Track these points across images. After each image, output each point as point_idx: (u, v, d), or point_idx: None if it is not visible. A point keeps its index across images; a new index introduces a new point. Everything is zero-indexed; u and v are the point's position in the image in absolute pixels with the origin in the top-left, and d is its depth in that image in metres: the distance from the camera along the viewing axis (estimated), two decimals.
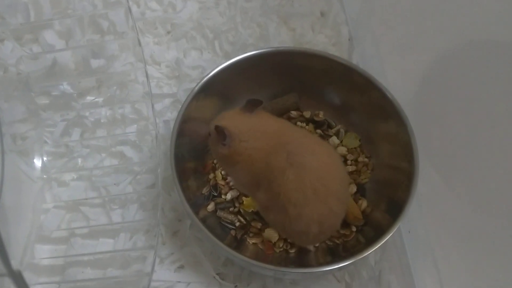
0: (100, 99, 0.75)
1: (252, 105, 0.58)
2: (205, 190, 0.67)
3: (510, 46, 0.51)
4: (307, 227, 0.55)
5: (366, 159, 0.69)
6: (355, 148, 0.70)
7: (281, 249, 0.63)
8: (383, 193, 0.65)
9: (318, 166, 0.55)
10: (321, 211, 0.54)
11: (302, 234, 0.56)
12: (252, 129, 0.57)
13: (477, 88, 0.56)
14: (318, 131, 0.71)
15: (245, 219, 0.65)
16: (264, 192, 0.57)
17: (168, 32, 0.83)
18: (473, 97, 0.57)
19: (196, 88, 0.65)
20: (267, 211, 0.60)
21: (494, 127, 0.54)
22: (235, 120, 0.58)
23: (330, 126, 0.72)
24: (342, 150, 0.70)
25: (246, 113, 0.58)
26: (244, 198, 0.66)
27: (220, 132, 0.56)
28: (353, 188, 0.67)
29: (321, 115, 0.72)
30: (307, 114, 0.72)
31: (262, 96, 0.70)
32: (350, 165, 0.69)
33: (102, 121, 0.74)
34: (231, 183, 0.67)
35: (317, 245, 0.63)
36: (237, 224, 0.65)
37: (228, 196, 0.66)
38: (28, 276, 0.60)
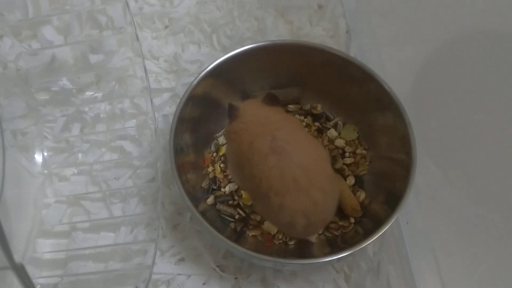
0: (99, 94, 0.76)
1: (269, 99, 0.60)
2: (204, 184, 0.67)
3: (508, 37, 0.51)
4: (292, 218, 0.55)
5: (364, 151, 0.69)
6: (353, 140, 0.70)
7: (280, 241, 0.64)
8: (381, 184, 0.65)
9: (301, 157, 0.55)
10: (304, 203, 0.54)
11: (289, 225, 0.56)
12: (257, 116, 0.59)
13: (475, 79, 0.56)
14: (317, 123, 0.72)
15: (244, 211, 0.65)
16: (248, 179, 0.58)
17: (166, 27, 0.83)
18: (471, 88, 0.57)
19: (195, 82, 0.65)
20: (255, 201, 0.60)
21: (492, 119, 0.54)
22: (250, 106, 0.61)
23: (328, 119, 0.72)
24: (340, 142, 0.70)
25: (263, 104, 0.60)
26: (243, 191, 0.66)
27: (229, 108, 0.60)
28: (352, 180, 0.67)
29: (319, 108, 0.72)
30: (306, 107, 0.73)
31: (260, 88, 0.70)
32: (348, 157, 0.69)
33: (101, 116, 0.74)
34: (229, 176, 0.68)
35: (316, 236, 0.64)
36: (237, 216, 0.65)
37: (227, 189, 0.67)
38: (30, 270, 0.60)
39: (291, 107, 0.72)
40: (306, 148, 0.57)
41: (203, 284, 0.64)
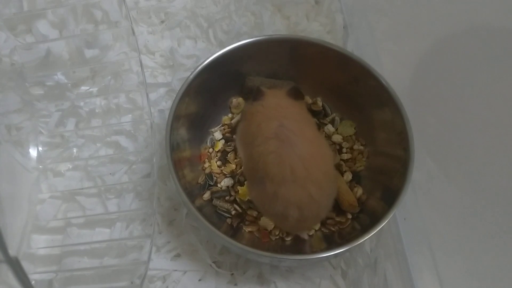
0: (94, 89, 0.75)
1: (293, 93, 0.62)
2: (200, 179, 0.67)
3: (506, 32, 0.51)
4: (285, 209, 0.55)
5: (361, 147, 0.69)
6: (350, 136, 0.70)
7: (277, 237, 0.63)
8: (379, 180, 0.65)
9: (303, 149, 0.55)
10: (298, 195, 0.54)
11: (282, 216, 0.56)
12: (277, 105, 0.60)
13: (473, 75, 0.56)
14: (314, 119, 0.71)
15: (241, 207, 0.65)
16: (248, 159, 0.59)
17: (162, 21, 0.83)
18: (468, 84, 0.57)
19: (191, 77, 0.64)
20: (251, 186, 0.60)
21: (490, 114, 0.54)
22: (274, 94, 0.62)
23: (325, 114, 0.72)
24: (338, 138, 0.70)
25: (287, 96, 0.61)
26: (239, 187, 0.66)
27: (256, 91, 0.62)
28: (349, 176, 0.67)
29: (319, 103, 0.72)
30: (307, 100, 0.73)
31: (257, 84, 0.70)
32: (346, 153, 0.69)
33: (97, 111, 0.74)
34: (224, 171, 0.68)
35: (311, 233, 0.63)
36: (233, 212, 0.65)
37: (223, 184, 0.67)
38: (25, 266, 0.60)
39: None
40: (310, 142, 0.57)
41: (199, 280, 0.63)
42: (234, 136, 0.69)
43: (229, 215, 0.65)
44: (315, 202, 0.55)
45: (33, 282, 0.62)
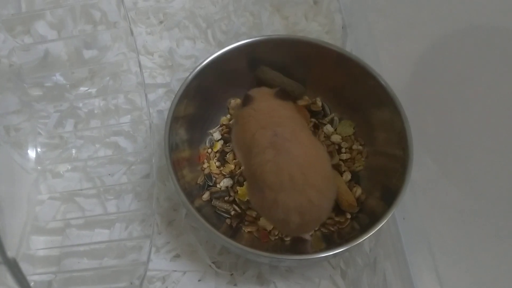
0: (93, 90, 0.75)
1: (281, 94, 0.62)
2: (200, 180, 0.67)
3: (506, 32, 0.51)
4: (286, 215, 0.54)
5: (360, 147, 0.69)
6: (349, 136, 0.70)
7: (276, 237, 0.63)
8: (378, 180, 0.65)
9: (299, 155, 0.55)
10: (298, 201, 0.54)
11: (283, 222, 0.56)
12: (267, 107, 0.60)
13: (472, 74, 0.56)
14: (313, 119, 0.71)
15: (240, 207, 0.65)
16: (247, 167, 0.59)
17: (161, 22, 0.83)
18: (468, 84, 0.57)
19: (190, 78, 0.64)
20: (251, 193, 0.60)
21: (489, 114, 0.54)
22: (263, 95, 0.62)
23: (324, 115, 0.72)
24: (337, 138, 0.70)
25: (276, 97, 0.62)
26: (238, 187, 0.66)
27: (245, 98, 0.62)
28: (348, 176, 0.67)
29: (318, 103, 0.72)
30: (306, 101, 0.72)
31: (256, 84, 0.70)
32: (345, 153, 0.69)
33: (95, 111, 0.73)
34: (223, 172, 0.68)
35: (311, 233, 0.63)
36: (233, 212, 0.65)
37: (222, 184, 0.67)
38: (24, 267, 0.60)
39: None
40: (306, 147, 0.57)
41: (199, 280, 0.63)
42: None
43: (228, 216, 0.65)
44: (315, 206, 0.55)
45: (32, 284, 0.62)
